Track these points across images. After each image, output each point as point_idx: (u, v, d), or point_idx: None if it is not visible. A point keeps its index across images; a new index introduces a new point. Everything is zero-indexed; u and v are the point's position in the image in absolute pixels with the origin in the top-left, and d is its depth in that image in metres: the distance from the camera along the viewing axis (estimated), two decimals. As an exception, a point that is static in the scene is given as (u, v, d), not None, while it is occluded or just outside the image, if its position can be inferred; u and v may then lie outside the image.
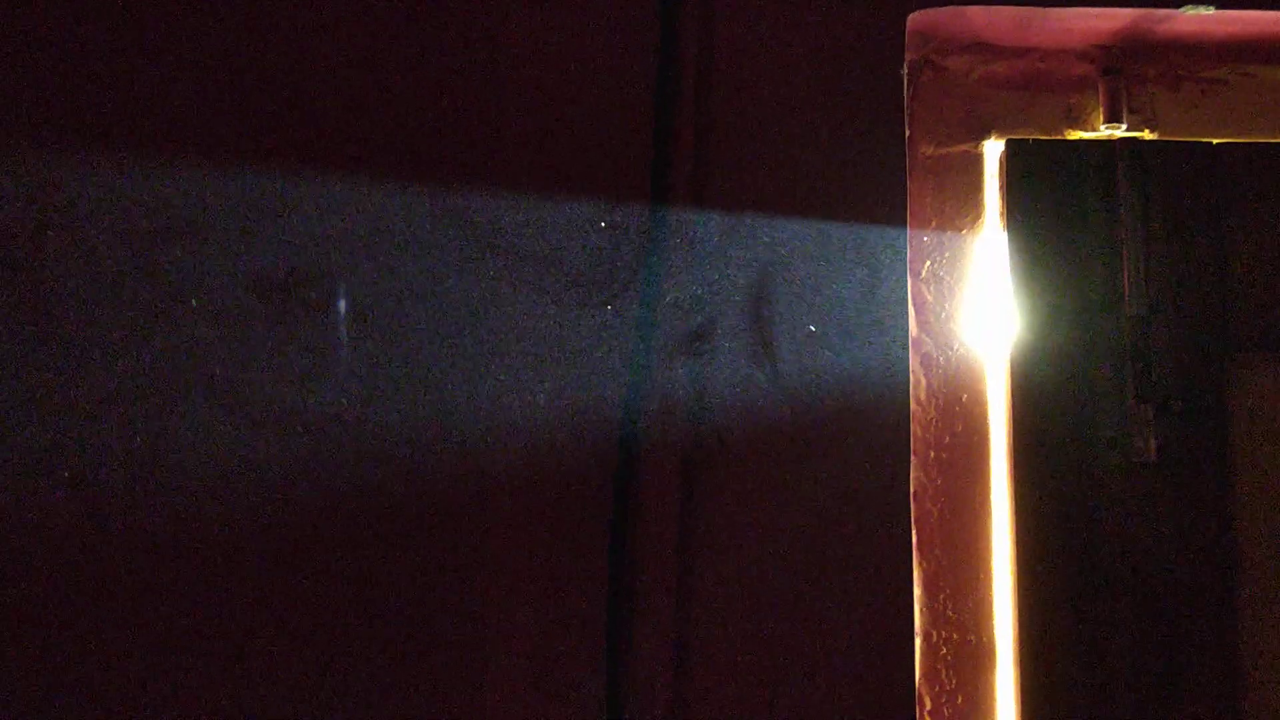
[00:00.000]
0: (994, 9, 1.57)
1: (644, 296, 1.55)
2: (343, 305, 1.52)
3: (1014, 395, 1.57)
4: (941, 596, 1.55)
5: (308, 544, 1.50)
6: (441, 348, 1.53)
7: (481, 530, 1.51)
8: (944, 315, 1.60)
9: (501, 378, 1.53)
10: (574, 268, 1.55)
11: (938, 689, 1.53)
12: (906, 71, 1.61)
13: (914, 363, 1.59)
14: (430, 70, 1.58)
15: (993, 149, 1.63)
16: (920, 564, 1.55)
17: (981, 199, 1.63)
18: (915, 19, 1.60)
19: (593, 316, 1.55)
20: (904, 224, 1.57)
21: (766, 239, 1.56)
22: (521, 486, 1.51)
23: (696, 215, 1.56)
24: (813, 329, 1.55)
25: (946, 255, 1.61)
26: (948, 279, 1.61)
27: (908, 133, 1.61)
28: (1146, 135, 1.63)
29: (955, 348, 1.60)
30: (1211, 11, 1.55)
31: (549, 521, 1.51)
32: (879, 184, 1.58)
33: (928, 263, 1.61)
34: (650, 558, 1.51)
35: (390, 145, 1.56)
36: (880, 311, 1.56)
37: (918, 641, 1.53)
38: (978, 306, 1.60)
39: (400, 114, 1.57)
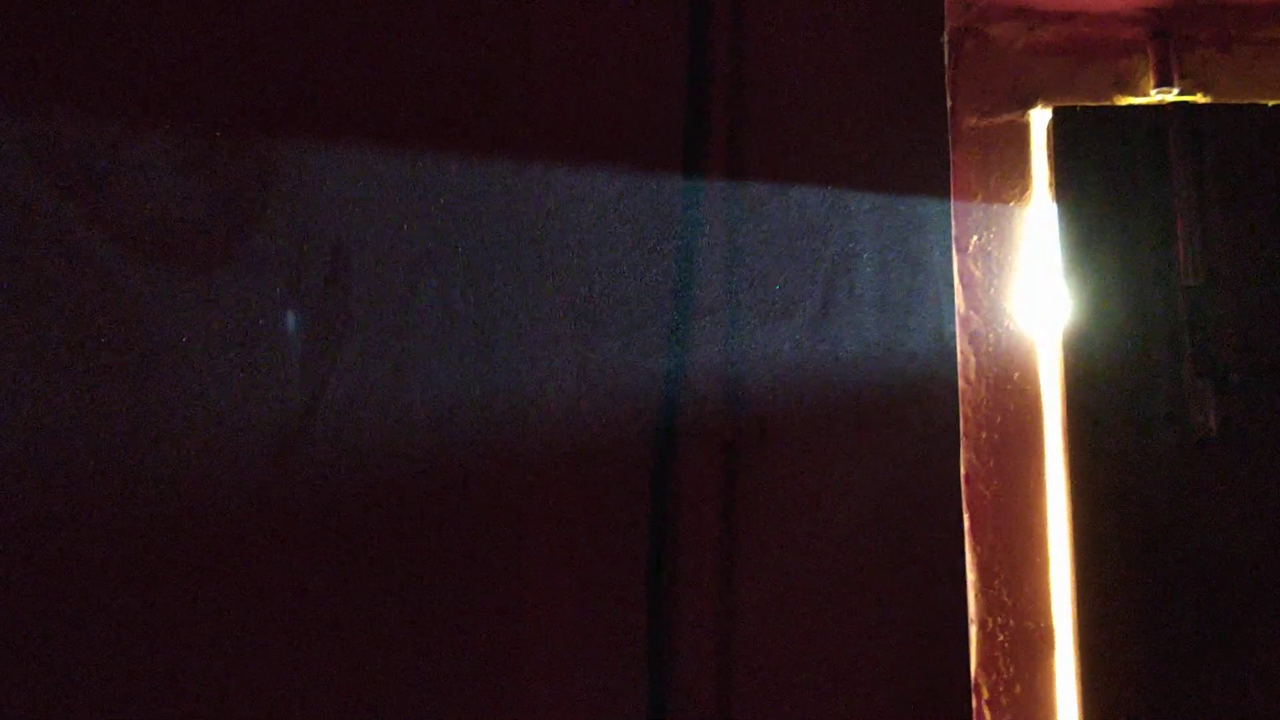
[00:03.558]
0: (1038, -28, 1.52)
1: (679, 279, 1.50)
2: (364, 287, 1.48)
3: (1067, 372, 1.51)
4: (996, 582, 1.50)
5: (338, 542, 1.46)
6: (473, 335, 1.49)
7: (517, 530, 1.47)
8: (992, 291, 1.55)
9: (533, 368, 1.49)
10: (607, 251, 1.51)
11: (995, 678, 1.48)
12: (947, 40, 1.56)
13: (962, 341, 1.53)
14: (460, 54, 1.53)
15: (1039, 118, 1.58)
16: (974, 549, 1.50)
17: (1029, 170, 1.57)
18: (955, -15, 1.55)
19: (628, 302, 1.50)
20: (948, 198, 1.52)
21: (805, 217, 1.51)
22: (557, 481, 1.47)
23: (733, 194, 1.51)
24: (857, 309, 1.50)
25: (994, 229, 1.56)
26: (996, 254, 1.55)
27: (950, 104, 1.55)
28: (1199, 99, 1.57)
29: (1005, 324, 1.54)
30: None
31: (586, 518, 1.47)
32: (922, 157, 1.53)
33: (974, 238, 1.55)
34: (691, 553, 1.46)
35: (414, 122, 1.52)
36: (926, 289, 1.51)
37: (973, 629, 1.48)
38: (1027, 281, 1.55)
39: (428, 92, 1.52)
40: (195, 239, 1.49)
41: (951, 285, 1.51)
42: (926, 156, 1.52)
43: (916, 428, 1.49)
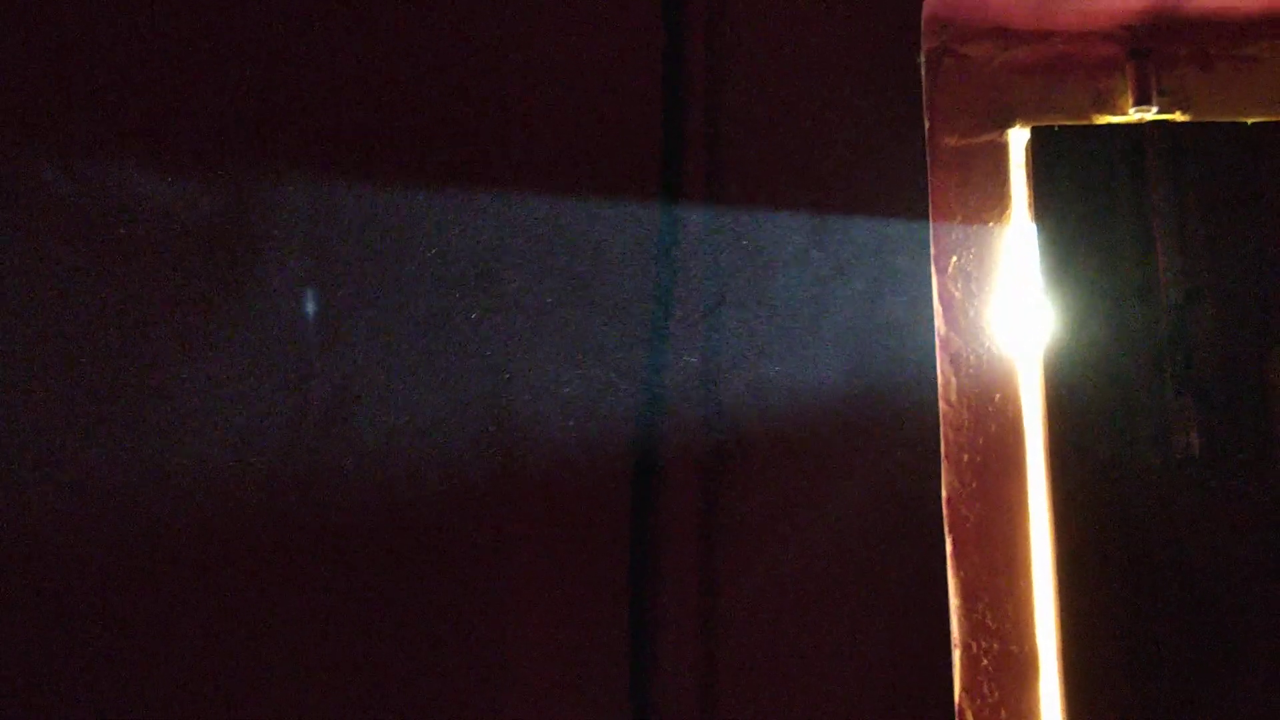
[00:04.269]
0: (1014, -9, 1.52)
1: (657, 298, 1.49)
2: (329, 308, 1.47)
3: (1049, 393, 1.50)
4: (980, 605, 1.49)
5: (318, 559, 1.45)
6: (454, 355, 1.48)
7: (498, 548, 1.46)
8: (972, 312, 1.54)
9: (514, 387, 1.48)
10: (586, 275, 1.50)
11: (979, 702, 1.47)
12: (924, 60, 1.55)
13: (942, 362, 1.52)
14: (436, 72, 1.53)
15: (1018, 138, 1.57)
16: (957, 572, 1.49)
17: (1008, 190, 1.56)
18: (931, 5, 1.54)
19: (608, 323, 1.49)
20: (927, 218, 1.51)
21: (783, 237, 1.50)
22: (539, 499, 1.46)
23: (709, 214, 1.50)
24: (836, 331, 1.49)
25: (973, 250, 1.55)
26: (975, 274, 1.54)
27: (928, 124, 1.55)
28: (1178, 117, 1.57)
29: (985, 345, 1.53)
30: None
31: (568, 536, 1.46)
32: (899, 178, 1.52)
33: (954, 258, 1.55)
34: (672, 576, 1.45)
35: (394, 141, 1.51)
36: (905, 310, 1.50)
37: (956, 653, 1.47)
38: (1008, 301, 1.54)
39: (404, 113, 1.52)
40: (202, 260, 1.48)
41: (931, 306, 1.50)
42: (905, 177, 1.51)
43: (897, 450, 1.48)
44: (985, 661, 1.48)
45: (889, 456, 1.48)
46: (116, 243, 1.50)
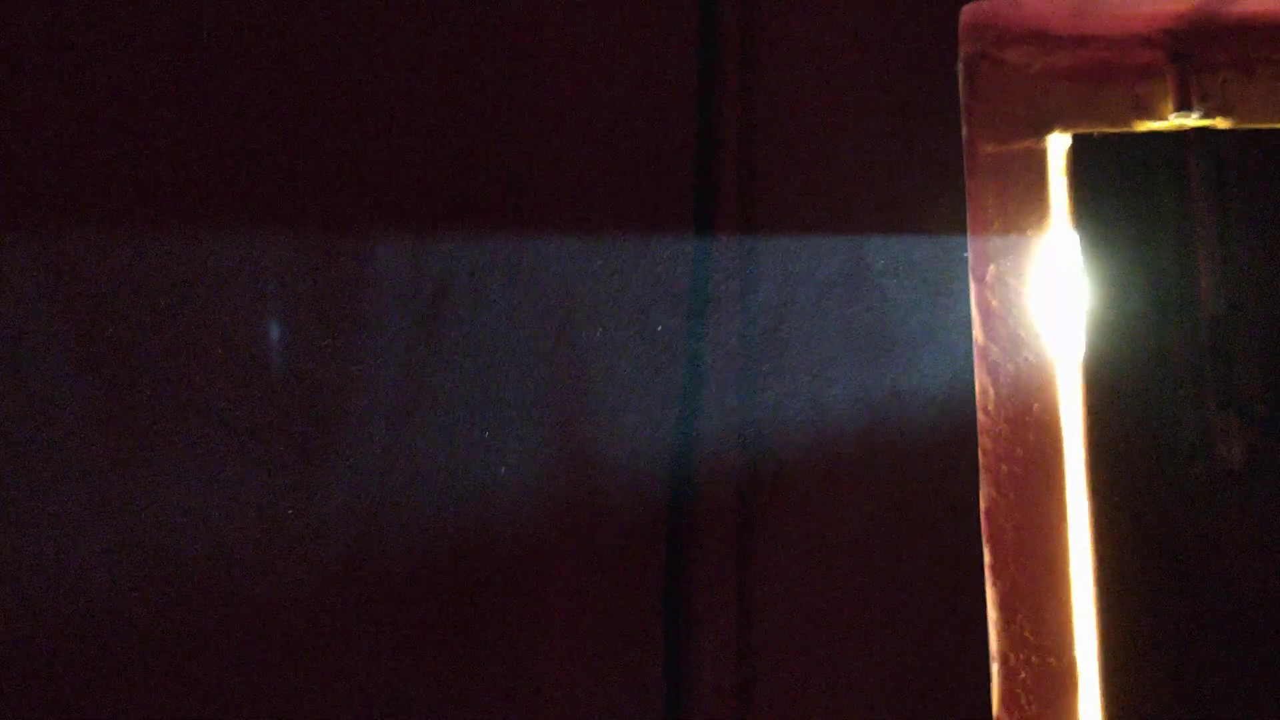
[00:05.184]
0: (1053, -3, 1.50)
1: (691, 324, 1.48)
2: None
3: (1088, 404, 1.49)
4: (1019, 618, 1.47)
5: (349, 607, 1.44)
6: (484, 391, 1.47)
7: (531, 586, 1.45)
8: (1011, 321, 1.52)
9: (544, 420, 1.47)
10: (621, 307, 1.48)
11: (1017, 715, 1.46)
12: (962, 67, 1.54)
13: (980, 372, 1.51)
14: (466, 97, 1.52)
15: (1057, 145, 1.55)
16: (995, 584, 1.48)
17: (1047, 198, 1.54)
18: (969, 11, 1.52)
19: (639, 349, 1.48)
20: (964, 227, 1.49)
21: (819, 253, 1.49)
22: (571, 534, 1.45)
23: (743, 235, 1.49)
24: (871, 344, 1.48)
25: (1011, 258, 1.53)
26: (1014, 283, 1.53)
27: (965, 131, 1.53)
28: (1220, 124, 1.54)
29: (1024, 355, 1.52)
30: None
31: (604, 568, 1.44)
32: (937, 186, 1.50)
33: (991, 267, 1.53)
34: (708, 602, 1.44)
35: (422, 175, 1.50)
36: (943, 320, 1.48)
37: (994, 666, 1.46)
38: (1046, 311, 1.52)
39: (433, 143, 1.51)
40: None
41: (969, 316, 1.49)
42: (943, 185, 1.50)
43: (935, 462, 1.47)
44: (1024, 674, 1.47)
45: (926, 468, 1.46)
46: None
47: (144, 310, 1.46)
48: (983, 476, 1.48)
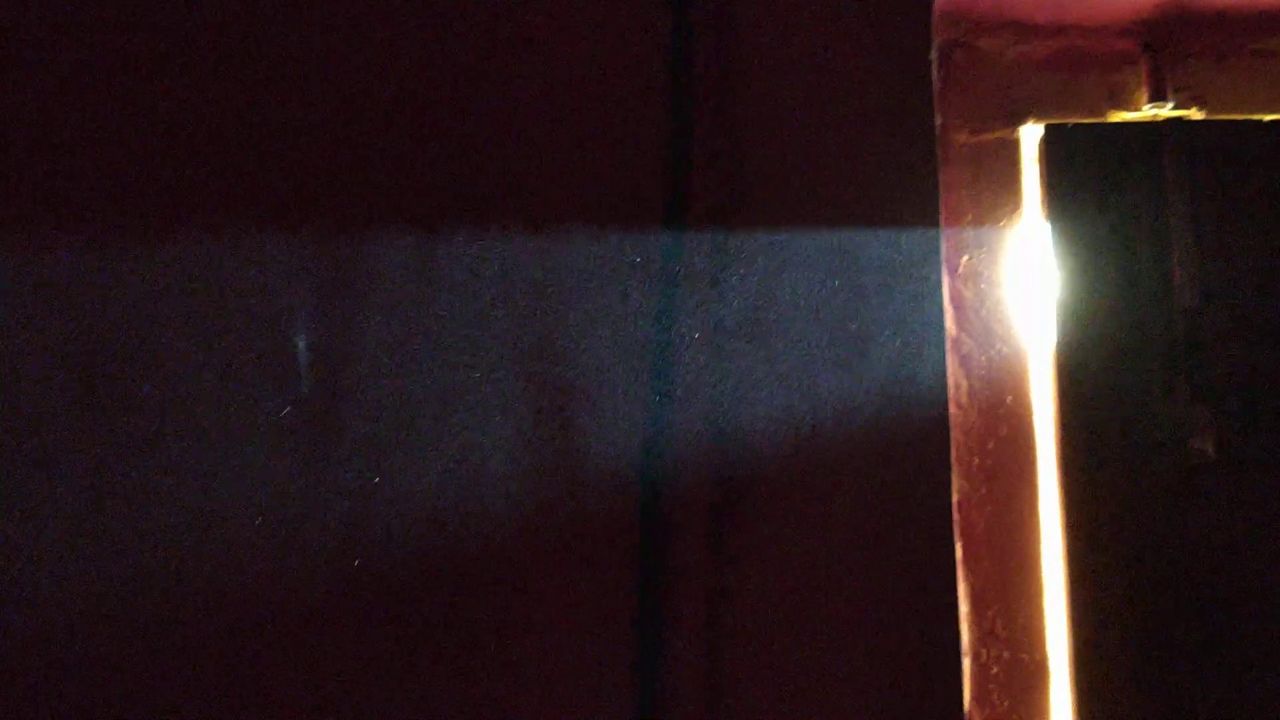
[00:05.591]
0: (1028, -15, 1.48)
1: (663, 317, 1.45)
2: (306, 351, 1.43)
3: (1061, 396, 1.47)
4: (990, 613, 1.46)
5: (329, 615, 1.41)
6: (450, 398, 1.44)
7: (502, 582, 1.41)
8: (984, 313, 1.50)
9: (518, 416, 1.44)
10: (586, 313, 1.45)
11: (989, 711, 1.44)
12: (936, 55, 1.52)
13: (952, 364, 1.49)
14: (436, 86, 1.49)
15: (1030, 134, 1.53)
16: (966, 579, 1.46)
17: (1020, 188, 1.53)
18: (943, -2, 1.51)
19: (611, 341, 1.45)
20: (937, 217, 1.47)
21: (789, 245, 1.47)
22: (544, 530, 1.42)
23: (716, 227, 1.46)
24: (843, 334, 1.45)
25: (984, 249, 1.51)
26: (986, 274, 1.51)
27: (939, 120, 1.51)
28: (1194, 114, 1.53)
29: (997, 347, 1.50)
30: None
31: (574, 582, 1.41)
32: (909, 175, 1.48)
33: (965, 257, 1.51)
34: (681, 610, 1.41)
35: (386, 169, 1.47)
36: (915, 311, 1.46)
37: (966, 661, 1.44)
38: (1019, 302, 1.51)
39: (413, 137, 1.47)
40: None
41: (941, 307, 1.47)
42: (916, 175, 1.48)
43: (907, 454, 1.45)
44: (995, 670, 1.45)
45: (898, 461, 1.45)
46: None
47: (142, 310, 1.43)
48: (955, 469, 1.46)
